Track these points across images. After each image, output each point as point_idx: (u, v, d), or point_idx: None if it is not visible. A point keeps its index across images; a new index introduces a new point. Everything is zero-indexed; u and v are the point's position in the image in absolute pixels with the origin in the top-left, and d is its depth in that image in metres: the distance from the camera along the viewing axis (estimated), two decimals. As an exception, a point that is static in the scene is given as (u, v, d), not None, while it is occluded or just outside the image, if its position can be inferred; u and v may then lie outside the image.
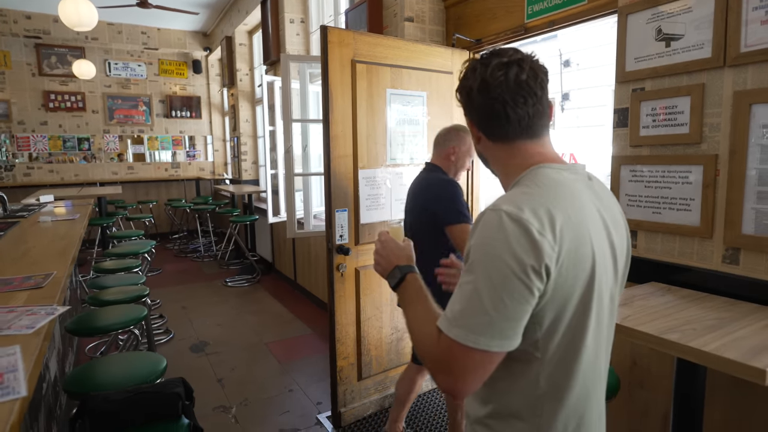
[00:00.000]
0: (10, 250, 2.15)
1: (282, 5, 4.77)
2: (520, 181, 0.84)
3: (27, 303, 1.36)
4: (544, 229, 0.73)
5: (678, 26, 1.60)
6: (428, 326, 0.82)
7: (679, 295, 1.55)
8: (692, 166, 1.59)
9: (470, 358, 0.75)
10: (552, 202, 0.77)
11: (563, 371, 0.82)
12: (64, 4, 3.88)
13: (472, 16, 2.78)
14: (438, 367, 0.78)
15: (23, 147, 7.09)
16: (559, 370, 0.81)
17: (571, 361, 0.82)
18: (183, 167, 8.28)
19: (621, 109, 1.79)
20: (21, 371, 0.94)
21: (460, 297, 0.76)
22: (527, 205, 0.75)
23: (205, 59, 8.16)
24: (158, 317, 4.15)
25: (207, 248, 6.98)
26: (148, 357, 1.81)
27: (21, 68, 6.95)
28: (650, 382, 1.76)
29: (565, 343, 0.80)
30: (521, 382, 0.82)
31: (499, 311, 0.73)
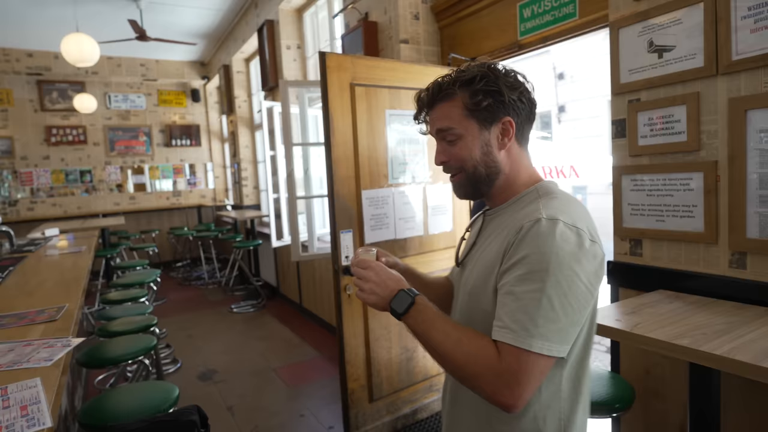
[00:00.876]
0: (22, 284, 2.16)
1: (278, 32, 4.88)
2: (547, 193, 0.91)
3: (43, 336, 1.37)
4: (594, 237, 0.83)
5: (669, 38, 1.64)
6: (473, 343, 0.80)
7: (688, 301, 1.56)
8: (692, 173, 1.61)
9: (542, 366, 0.77)
10: (585, 214, 0.87)
11: (579, 372, 0.89)
12: (66, 42, 3.97)
13: (466, 35, 2.85)
14: (502, 382, 0.76)
15: (26, 182, 7.16)
16: (576, 371, 0.88)
17: (585, 362, 0.90)
18: (184, 195, 8.33)
19: (618, 120, 1.82)
20: (44, 402, 0.95)
21: (526, 306, 0.77)
22: (575, 215, 0.83)
23: (203, 88, 8.29)
24: (165, 346, 4.13)
25: (211, 275, 6.98)
26: (160, 386, 1.80)
27: (23, 105, 7.06)
28: (665, 391, 1.76)
29: (582, 344, 0.88)
30: (550, 387, 0.86)
31: (568, 317, 0.78)
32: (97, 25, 5.48)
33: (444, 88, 0.94)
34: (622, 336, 1.34)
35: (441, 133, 0.96)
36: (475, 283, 0.93)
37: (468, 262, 1.01)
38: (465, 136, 0.93)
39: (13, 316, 1.59)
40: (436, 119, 0.96)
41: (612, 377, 1.67)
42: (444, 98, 0.95)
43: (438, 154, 0.98)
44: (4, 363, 1.17)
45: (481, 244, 1.00)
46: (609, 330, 1.38)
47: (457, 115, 0.93)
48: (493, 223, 0.99)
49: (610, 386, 1.61)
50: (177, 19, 5.86)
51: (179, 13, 5.67)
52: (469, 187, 0.97)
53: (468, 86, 0.91)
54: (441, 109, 0.95)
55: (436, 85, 0.95)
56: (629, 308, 1.51)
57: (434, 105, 0.96)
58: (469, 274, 0.98)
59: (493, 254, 0.89)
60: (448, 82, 0.94)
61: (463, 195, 0.99)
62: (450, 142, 0.95)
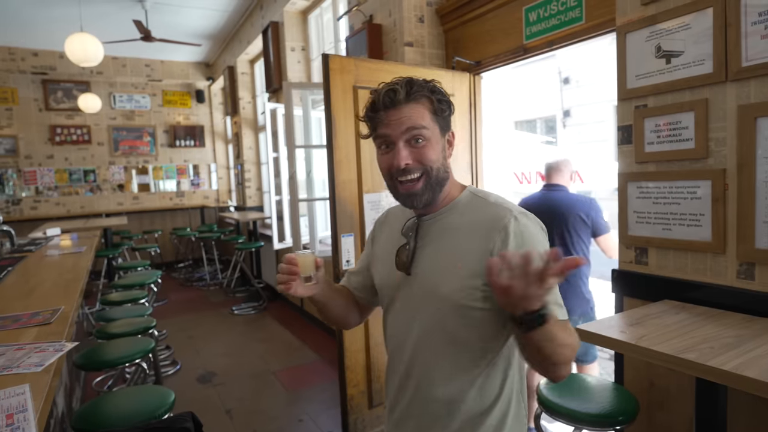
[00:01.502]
0: (18, 286, 2.15)
1: (283, 34, 4.87)
2: (483, 194, 1.02)
3: (36, 340, 1.35)
4: None
5: (677, 43, 1.61)
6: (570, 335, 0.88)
7: (694, 312, 1.52)
8: (700, 181, 1.58)
9: None
10: None
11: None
12: (70, 41, 3.97)
13: (471, 38, 2.82)
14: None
15: (30, 181, 7.17)
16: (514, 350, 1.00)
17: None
18: (187, 196, 8.33)
19: (624, 126, 1.79)
20: (31, 411, 0.93)
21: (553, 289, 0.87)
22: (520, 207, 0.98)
23: (207, 89, 8.30)
24: (165, 348, 4.11)
25: (212, 276, 6.97)
26: (155, 391, 1.78)
27: (28, 104, 7.08)
28: (669, 403, 1.72)
29: None
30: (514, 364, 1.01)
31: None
32: (102, 25, 5.49)
33: (417, 88, 0.95)
34: (626, 348, 1.31)
35: (411, 132, 0.94)
36: (450, 286, 0.94)
37: (416, 268, 1.00)
38: (432, 138, 0.96)
39: (7, 319, 1.57)
40: (407, 118, 0.94)
41: (616, 389, 1.64)
42: (417, 98, 0.95)
43: (402, 156, 0.94)
44: (-5, 367, 1.14)
45: (429, 250, 1.00)
46: (613, 342, 1.34)
47: (428, 118, 0.96)
48: (436, 227, 1.01)
49: (613, 398, 1.58)
50: (182, 20, 5.86)
51: (184, 14, 5.68)
52: (429, 192, 0.96)
53: (433, 93, 0.97)
54: (413, 108, 0.95)
55: (407, 83, 0.95)
56: (634, 319, 1.48)
57: (407, 102, 0.95)
58: (425, 279, 0.98)
59: (466, 256, 0.93)
60: (420, 84, 0.96)
61: (423, 201, 0.97)
62: (416, 144, 0.94)
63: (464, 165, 2.85)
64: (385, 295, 1.10)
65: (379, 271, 1.12)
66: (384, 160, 0.98)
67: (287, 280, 0.98)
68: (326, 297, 1.09)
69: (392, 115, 0.94)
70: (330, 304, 1.12)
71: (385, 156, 0.98)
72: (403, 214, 1.11)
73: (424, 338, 0.99)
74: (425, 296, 0.98)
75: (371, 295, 1.19)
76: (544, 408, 1.60)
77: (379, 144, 0.99)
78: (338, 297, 1.15)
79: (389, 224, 1.15)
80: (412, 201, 0.97)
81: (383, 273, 1.10)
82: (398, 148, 0.94)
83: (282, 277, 0.98)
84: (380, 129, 0.96)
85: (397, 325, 1.05)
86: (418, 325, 0.99)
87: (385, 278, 1.09)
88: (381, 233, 1.17)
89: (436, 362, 0.98)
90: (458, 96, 2.78)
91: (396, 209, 1.16)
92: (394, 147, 0.95)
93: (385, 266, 1.09)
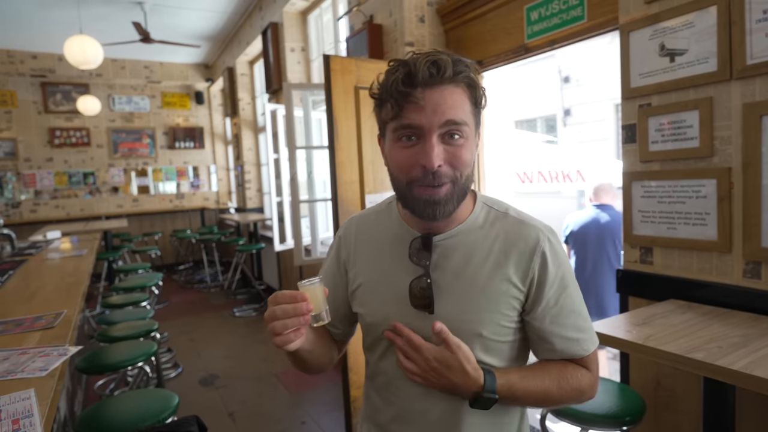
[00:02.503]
0: (20, 289, 2.14)
1: (282, 35, 4.86)
2: (497, 203, 0.88)
3: (39, 344, 1.34)
4: None
5: (681, 41, 1.60)
6: (570, 377, 0.83)
7: (700, 312, 1.51)
8: (705, 180, 1.57)
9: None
10: None
11: None
12: (69, 44, 3.96)
13: (472, 38, 2.81)
14: (597, 383, 0.87)
15: (29, 184, 7.16)
16: None
17: None
18: (187, 198, 8.32)
19: (628, 125, 1.78)
20: (36, 416, 0.92)
21: (579, 311, 0.84)
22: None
23: (207, 90, 8.29)
24: (166, 351, 4.10)
25: (213, 278, 6.95)
26: (159, 394, 1.77)
27: (27, 106, 7.06)
28: (676, 403, 1.71)
29: None
30: None
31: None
32: (102, 27, 5.48)
33: (463, 67, 0.73)
34: (634, 348, 1.30)
35: (449, 126, 0.72)
36: (489, 327, 0.79)
37: (438, 302, 0.80)
38: (470, 137, 0.76)
39: (9, 323, 1.56)
40: (449, 106, 0.72)
41: (622, 389, 1.63)
42: (460, 80, 0.73)
43: (436, 154, 0.72)
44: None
45: (453, 279, 0.81)
46: (620, 342, 1.34)
47: (468, 110, 0.75)
48: (459, 251, 0.82)
49: (619, 398, 1.57)
50: (181, 22, 5.85)
51: (183, 16, 5.67)
52: (453, 202, 0.76)
53: (474, 82, 0.76)
54: (454, 93, 0.73)
55: (453, 58, 0.73)
56: (640, 318, 1.47)
57: (449, 83, 0.72)
58: (452, 318, 0.79)
59: (501, 286, 0.80)
60: (465, 62, 0.74)
61: (445, 213, 0.76)
62: (452, 141, 0.74)
63: (466, 165, 2.84)
64: (380, 334, 0.85)
65: (369, 303, 0.87)
66: (405, 155, 0.74)
67: (296, 325, 0.71)
68: (311, 342, 0.83)
69: (430, 97, 0.71)
70: (315, 351, 0.86)
71: (406, 150, 0.74)
72: (385, 227, 0.89)
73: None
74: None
75: (348, 325, 0.97)
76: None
77: (401, 134, 0.74)
78: (321, 338, 0.91)
79: (368, 242, 0.90)
80: (433, 211, 0.75)
81: (378, 307, 0.85)
82: (431, 143, 0.72)
83: (288, 322, 0.71)
84: (409, 113, 0.72)
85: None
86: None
87: (385, 316, 0.84)
88: (359, 254, 0.90)
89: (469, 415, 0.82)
90: (460, 96, 2.77)
91: (365, 220, 0.94)
92: (422, 141, 0.73)
93: (381, 299, 0.85)
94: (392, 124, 0.75)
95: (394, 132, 0.76)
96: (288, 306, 0.70)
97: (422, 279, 0.80)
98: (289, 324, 0.71)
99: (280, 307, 0.71)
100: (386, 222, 0.89)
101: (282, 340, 0.71)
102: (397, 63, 0.74)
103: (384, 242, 0.87)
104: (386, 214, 0.91)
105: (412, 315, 0.81)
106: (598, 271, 2.94)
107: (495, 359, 0.82)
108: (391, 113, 0.74)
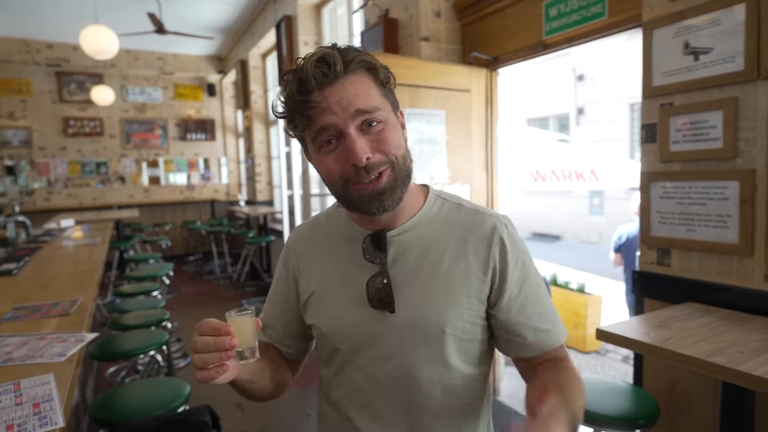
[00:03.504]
0: (36, 276, 2.16)
1: (296, 28, 4.85)
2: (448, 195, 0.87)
3: (56, 330, 1.35)
4: None
5: (706, 39, 1.58)
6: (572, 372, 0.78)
7: (719, 316, 1.49)
8: (728, 182, 1.54)
9: None
10: None
11: None
12: (85, 33, 3.98)
13: (489, 34, 2.79)
14: None
15: (43, 172, 7.23)
16: None
17: None
18: (198, 189, 8.37)
19: (649, 124, 1.76)
20: (56, 401, 0.93)
21: (544, 301, 0.82)
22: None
23: (219, 82, 8.31)
24: (176, 340, 4.13)
25: (223, 270, 6.99)
26: (171, 383, 1.78)
27: (42, 96, 7.13)
28: (691, 407, 1.69)
29: None
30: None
31: None
32: (116, 17, 5.50)
33: (353, 55, 0.71)
34: (651, 351, 1.28)
35: (362, 116, 0.70)
36: (453, 321, 0.76)
37: (398, 300, 0.76)
38: (389, 119, 0.73)
39: (27, 308, 1.58)
40: (353, 96, 0.69)
41: (635, 391, 1.62)
42: (356, 68, 0.71)
43: (360, 147, 0.69)
44: (18, 357, 1.15)
45: (412, 275, 0.78)
46: (637, 343, 1.32)
47: (376, 92, 0.72)
48: (415, 245, 0.79)
49: (633, 400, 1.55)
50: (195, 13, 5.86)
51: (198, 7, 5.68)
52: (399, 187, 0.73)
53: (369, 60, 0.73)
54: (355, 82, 0.71)
55: (339, 50, 0.71)
56: (658, 321, 1.45)
57: (345, 75, 0.70)
58: (413, 315, 0.77)
59: (463, 278, 0.77)
60: (353, 49, 0.73)
61: (396, 200, 0.73)
62: (371, 129, 0.71)
63: (479, 163, 2.82)
64: (340, 344, 0.81)
65: (324, 313, 0.82)
66: (330, 161, 0.72)
67: (217, 361, 0.64)
68: (252, 373, 0.77)
69: (331, 95, 0.69)
70: (257, 381, 0.79)
71: (331, 154, 0.72)
72: (336, 230, 0.85)
73: (417, 388, 0.78)
74: (416, 336, 0.77)
75: (302, 343, 0.91)
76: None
77: (321, 142, 0.72)
78: (269, 363, 0.84)
79: (319, 247, 0.86)
80: (382, 202, 0.72)
81: (335, 315, 0.81)
82: (351, 138, 0.69)
83: (209, 357, 0.64)
84: (318, 117, 0.70)
85: (373, 376, 0.79)
86: (406, 373, 0.78)
87: (342, 322, 0.80)
88: (310, 261, 0.85)
89: (440, 412, 0.79)
90: (475, 92, 2.75)
91: (315, 224, 0.90)
92: (342, 140, 0.70)
93: (336, 305, 0.81)
94: (308, 134, 0.73)
95: (313, 141, 0.73)
96: (209, 339, 0.64)
97: (379, 277, 0.76)
98: (209, 360, 0.64)
99: (201, 339, 0.64)
100: (336, 225, 0.86)
101: (203, 375, 0.64)
102: (288, 73, 0.72)
103: (336, 245, 0.83)
104: (336, 216, 0.87)
105: (372, 316, 0.77)
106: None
107: (465, 360, 0.79)
108: (301, 125, 0.72)
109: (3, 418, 0.86)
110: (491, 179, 2.89)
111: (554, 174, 4.42)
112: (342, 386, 0.83)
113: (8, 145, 6.97)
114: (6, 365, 1.10)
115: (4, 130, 6.93)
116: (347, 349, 0.80)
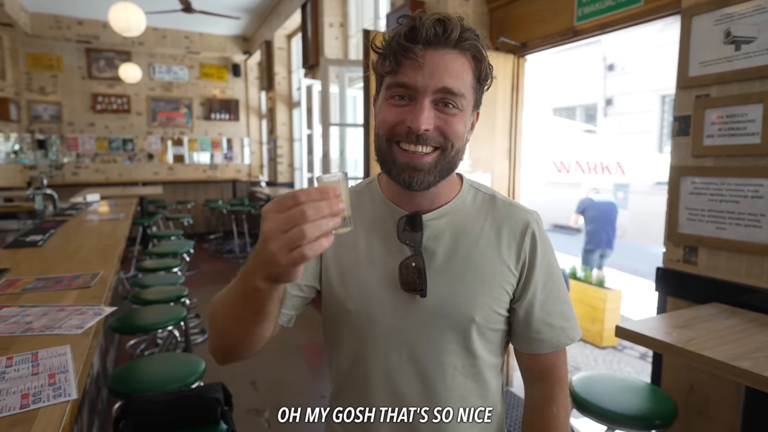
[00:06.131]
0: (61, 248, 2.21)
1: (322, 9, 4.80)
2: (481, 185, 0.86)
3: (76, 302, 1.38)
4: None
5: (750, 28, 1.49)
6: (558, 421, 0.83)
7: (746, 318, 1.44)
8: (764, 180, 1.47)
9: None
10: None
11: None
12: (114, 10, 4.01)
13: (517, 18, 2.70)
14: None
15: (72, 147, 7.40)
16: None
17: None
18: (220, 169, 8.46)
19: (682, 116, 1.68)
20: (71, 372, 0.94)
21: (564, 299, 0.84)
22: None
23: (244, 63, 8.33)
24: (195, 317, 4.21)
25: (242, 249, 7.09)
26: (187, 359, 1.82)
27: (72, 72, 7.26)
28: (710, 410, 1.65)
29: None
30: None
31: None
32: (145, -5, 5.53)
33: (471, 35, 0.69)
34: (673, 351, 1.24)
35: (444, 94, 0.69)
36: (481, 310, 0.76)
37: (429, 284, 0.75)
38: (465, 111, 0.72)
39: (50, 279, 1.61)
40: (448, 71, 0.68)
41: (653, 391, 1.58)
42: (466, 49, 0.69)
43: (426, 117, 0.68)
44: (37, 327, 1.17)
45: (444, 260, 0.77)
46: (658, 343, 1.28)
47: (468, 82, 0.71)
48: (449, 230, 0.78)
49: (650, 400, 1.52)
50: (222, -8, 5.86)
51: (225, -14, 5.67)
52: (436, 174, 0.72)
53: (481, 54, 0.71)
54: (457, 60, 0.69)
55: (456, 21, 0.69)
56: (681, 321, 1.41)
57: (453, 47, 0.69)
58: (442, 300, 0.76)
59: (494, 268, 0.77)
60: (474, 31, 0.70)
61: (426, 183, 0.71)
62: (445, 109, 0.70)
63: (502, 152, 2.76)
64: (366, 323, 0.79)
65: (352, 292, 0.79)
66: (393, 113, 0.71)
67: (329, 230, 0.55)
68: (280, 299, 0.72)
69: (431, 57, 0.68)
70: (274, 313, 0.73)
71: (395, 108, 0.70)
72: (367, 207, 0.82)
73: (442, 374, 0.78)
74: (445, 321, 0.76)
75: (292, 312, 0.86)
76: (574, 403, 1.56)
77: (394, 93, 0.71)
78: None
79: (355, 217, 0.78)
80: (410, 177, 0.71)
81: (359, 293, 0.78)
82: (423, 105, 0.68)
83: (322, 224, 0.53)
84: (406, 70, 0.68)
85: (396, 359, 0.78)
86: (433, 359, 0.77)
87: (368, 300, 0.78)
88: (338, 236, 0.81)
89: (460, 398, 0.80)
90: (501, 79, 2.68)
91: (358, 192, 0.86)
92: (413, 103, 0.69)
93: (366, 283, 0.78)
94: (388, 79, 0.72)
95: (388, 89, 0.72)
96: (322, 203, 0.53)
97: (412, 260, 0.75)
98: (323, 226, 0.53)
99: (313, 204, 0.53)
100: (368, 201, 0.83)
101: (313, 248, 0.53)
102: (405, 17, 0.70)
103: (366, 222, 0.81)
104: (367, 192, 0.84)
105: (402, 299, 0.76)
106: None
107: (488, 350, 0.80)
108: (389, 67, 0.70)
109: (19, 387, 0.88)
110: (513, 168, 2.84)
111: (579, 165, 4.32)
112: (364, 358, 0.80)
113: (39, 120, 7.14)
114: (26, 335, 1.13)
115: (35, 105, 7.09)
116: (372, 330, 0.78)
